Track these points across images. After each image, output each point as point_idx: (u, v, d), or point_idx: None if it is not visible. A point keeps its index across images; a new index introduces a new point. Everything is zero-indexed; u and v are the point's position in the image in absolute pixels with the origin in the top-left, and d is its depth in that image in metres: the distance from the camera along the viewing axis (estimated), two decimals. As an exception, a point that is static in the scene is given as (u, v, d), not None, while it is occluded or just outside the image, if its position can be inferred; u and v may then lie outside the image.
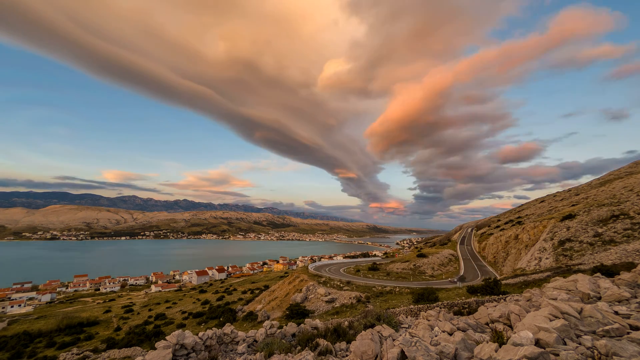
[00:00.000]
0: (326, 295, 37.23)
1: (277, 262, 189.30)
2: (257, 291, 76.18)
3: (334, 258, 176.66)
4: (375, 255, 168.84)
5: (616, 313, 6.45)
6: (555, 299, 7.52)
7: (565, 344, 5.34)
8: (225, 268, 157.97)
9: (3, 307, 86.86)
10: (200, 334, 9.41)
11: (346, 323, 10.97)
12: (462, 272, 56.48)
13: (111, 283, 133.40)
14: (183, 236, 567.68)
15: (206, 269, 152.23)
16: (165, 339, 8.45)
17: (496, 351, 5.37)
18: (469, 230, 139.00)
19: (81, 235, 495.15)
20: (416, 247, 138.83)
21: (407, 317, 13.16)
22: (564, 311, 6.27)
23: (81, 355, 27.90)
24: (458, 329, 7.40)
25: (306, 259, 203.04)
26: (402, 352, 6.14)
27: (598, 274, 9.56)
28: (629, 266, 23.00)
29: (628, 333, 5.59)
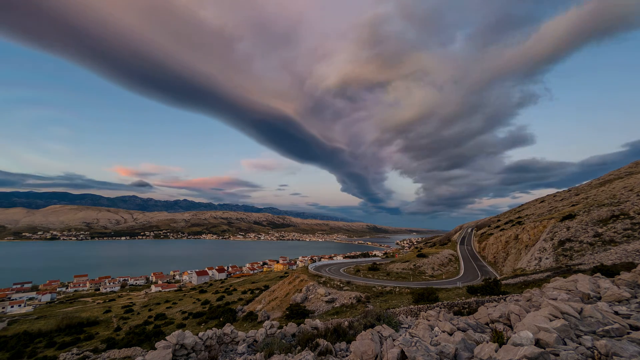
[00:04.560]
0: (326, 296, 37.20)
1: (277, 262, 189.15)
2: (257, 291, 76.16)
3: (334, 258, 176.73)
4: (375, 256, 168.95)
5: (616, 313, 6.45)
6: (555, 299, 7.52)
7: (565, 344, 5.34)
8: (225, 268, 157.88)
9: (3, 307, 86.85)
10: (200, 334, 9.42)
11: (346, 323, 10.97)
12: (462, 272, 56.43)
13: (111, 283, 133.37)
14: (183, 236, 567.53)
15: (206, 269, 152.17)
16: (165, 339, 8.46)
17: (496, 351, 5.37)
18: (469, 230, 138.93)
19: (81, 235, 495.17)
20: (416, 247, 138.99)
21: (407, 317, 13.18)
22: (564, 311, 6.27)
23: (81, 355, 27.92)
24: (458, 329, 7.39)
25: (306, 259, 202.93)
26: (402, 352, 6.14)
27: (598, 274, 9.56)
28: (629, 266, 23.00)
29: (628, 333, 5.59)
